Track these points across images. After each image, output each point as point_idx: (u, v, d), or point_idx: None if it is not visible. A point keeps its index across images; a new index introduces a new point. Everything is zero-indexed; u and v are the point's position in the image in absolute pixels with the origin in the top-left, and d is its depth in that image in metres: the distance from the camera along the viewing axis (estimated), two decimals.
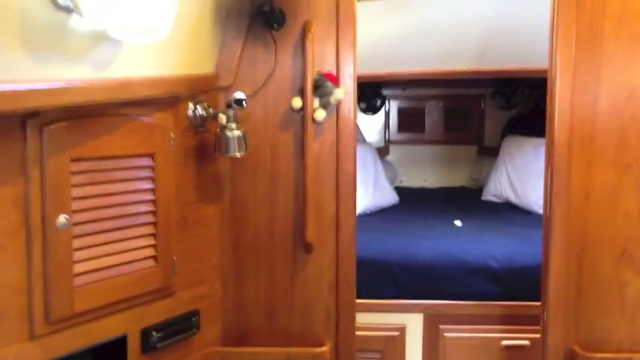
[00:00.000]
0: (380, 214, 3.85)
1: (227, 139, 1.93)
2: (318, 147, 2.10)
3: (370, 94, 4.89)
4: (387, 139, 4.97)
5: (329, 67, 2.09)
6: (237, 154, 1.95)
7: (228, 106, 1.94)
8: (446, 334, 2.89)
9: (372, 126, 5.00)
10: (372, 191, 3.93)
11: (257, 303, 2.15)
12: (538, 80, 4.28)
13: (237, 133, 1.93)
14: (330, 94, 2.06)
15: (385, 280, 2.91)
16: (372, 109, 4.94)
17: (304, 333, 2.16)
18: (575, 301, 2.07)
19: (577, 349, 2.06)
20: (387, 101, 4.94)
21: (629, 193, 2.01)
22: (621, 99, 1.99)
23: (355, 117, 2.14)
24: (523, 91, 4.77)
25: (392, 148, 4.99)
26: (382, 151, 4.82)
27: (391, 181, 4.45)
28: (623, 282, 2.05)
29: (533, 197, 3.81)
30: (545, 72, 2.11)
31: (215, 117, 1.94)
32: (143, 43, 1.46)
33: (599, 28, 1.99)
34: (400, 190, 4.34)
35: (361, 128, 4.93)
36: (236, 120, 1.94)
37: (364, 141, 4.84)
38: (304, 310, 2.16)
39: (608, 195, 2.02)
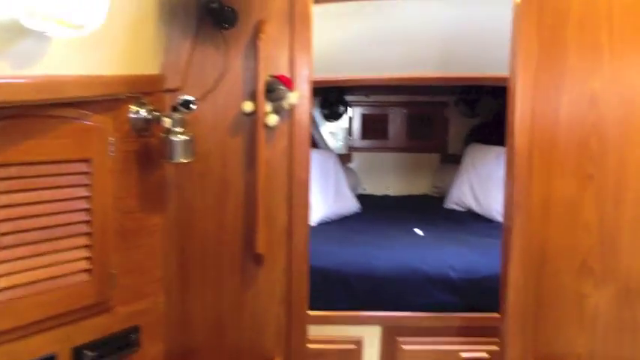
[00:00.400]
0: (340, 222, 3.77)
1: (172, 144, 1.81)
2: (271, 153, 2.00)
3: (333, 100, 4.81)
4: (349, 145, 4.90)
5: (283, 70, 1.99)
6: (183, 160, 1.84)
7: (175, 109, 1.83)
8: (404, 347, 2.82)
9: (334, 132, 4.92)
10: (332, 199, 3.85)
11: (204, 318, 2.04)
12: (501, 88, 4.27)
13: (183, 137, 1.82)
14: (283, 98, 1.96)
15: (342, 291, 2.82)
16: (334, 115, 4.86)
17: (254, 348, 2.06)
18: (534, 314, 2.01)
19: None
20: (350, 107, 4.86)
21: (590, 204, 1.96)
22: (582, 108, 1.94)
23: (310, 123, 2.04)
24: (486, 100, 4.75)
25: (355, 155, 4.91)
26: (345, 158, 4.75)
27: (353, 188, 4.38)
28: (582, 294, 1.99)
29: (495, 206, 3.77)
30: (506, 79, 2.06)
31: (159, 120, 1.83)
32: (73, 38, 1.33)
33: (561, 36, 1.94)
34: (363, 198, 4.27)
35: (323, 135, 4.86)
36: (182, 124, 1.83)
37: (326, 147, 4.76)
38: (254, 325, 2.05)
39: (569, 206, 1.97)
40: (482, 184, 4.01)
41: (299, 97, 1.98)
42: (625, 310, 1.98)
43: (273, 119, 1.97)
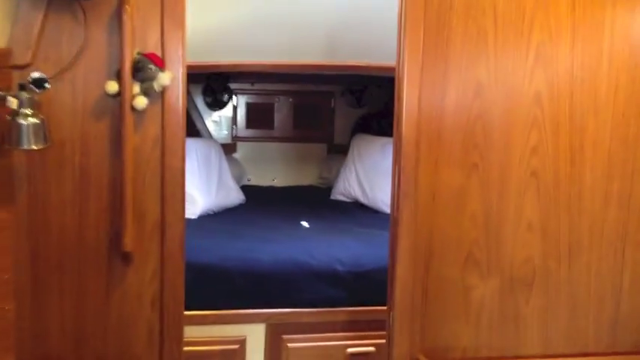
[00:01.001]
0: (224, 214, 3.59)
1: (19, 127, 1.57)
2: (140, 140, 1.80)
3: (217, 87, 4.60)
4: (234, 135, 4.71)
5: (152, 48, 1.79)
6: (34, 147, 1.59)
7: (23, 87, 1.58)
8: (289, 345, 2.71)
9: (218, 121, 4.71)
10: (215, 190, 3.66)
11: (62, 326, 1.80)
12: (388, 79, 4.27)
13: (32, 120, 1.58)
14: (153, 78, 1.76)
15: (225, 288, 2.65)
16: (218, 103, 4.65)
17: (122, 356, 1.85)
18: (421, 307, 1.95)
19: (422, 358, 1.94)
20: (234, 96, 4.68)
21: (475, 194, 1.93)
22: (468, 96, 1.89)
23: (184, 107, 1.85)
24: (373, 90, 4.74)
25: (239, 145, 4.74)
26: (229, 148, 4.56)
27: (238, 179, 4.21)
28: (468, 286, 1.96)
29: (381, 197, 3.75)
30: (394, 69, 1.97)
31: (4, 100, 1.57)
32: None
33: (447, 23, 1.88)
34: (248, 189, 4.11)
35: (207, 124, 4.64)
36: (32, 105, 1.58)
37: (209, 137, 4.55)
38: (121, 331, 1.84)
39: (455, 196, 1.92)
40: (369, 175, 3.98)
41: (171, 79, 1.78)
42: (508, 301, 1.97)
43: (141, 102, 1.76)
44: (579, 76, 1.91)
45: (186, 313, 1.90)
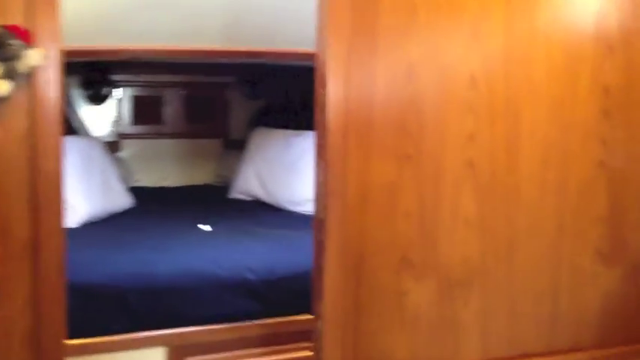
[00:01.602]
0: (110, 221, 3.16)
1: None
2: (2, 136, 1.42)
3: (97, 79, 4.12)
4: (118, 132, 4.25)
5: (16, 19, 1.41)
6: None
7: None
8: None
9: (99, 117, 4.24)
10: (99, 194, 3.22)
11: None
12: (287, 67, 4.01)
13: None
14: (17, 57, 1.39)
15: (115, 309, 2.27)
16: (99, 97, 4.18)
17: None
18: (353, 316, 1.72)
19: None
20: (117, 88, 4.22)
21: (409, 188, 1.72)
22: (399, 80, 1.68)
23: (61, 96, 1.49)
24: (270, 81, 4.45)
25: (125, 143, 4.28)
26: (113, 147, 4.10)
27: (125, 180, 3.77)
28: (403, 291, 1.75)
29: (284, 194, 3.49)
30: (303, 56, 1.71)
31: None
32: None
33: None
34: (136, 192, 3.68)
35: (86, 120, 4.15)
36: None
37: (89, 134, 4.07)
38: None
39: (387, 192, 1.70)
40: (270, 172, 3.70)
41: (42, 57, 1.42)
42: (446, 305, 1.78)
43: (3, 87, 1.38)
44: (514, 56, 1.76)
45: (70, 342, 1.54)
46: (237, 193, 3.83)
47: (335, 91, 1.64)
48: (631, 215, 1.90)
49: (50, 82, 1.46)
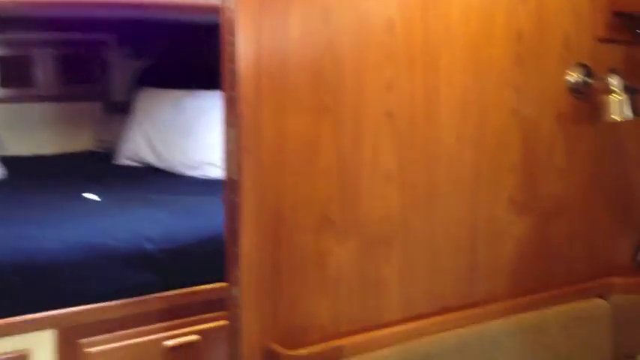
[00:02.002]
0: None
1: None
2: None
3: None
4: None
5: None
6: None
7: None
8: (89, 350, 2.17)
9: None
10: None
11: None
12: (174, 23, 3.74)
13: None
14: None
15: None
16: None
17: None
18: (272, 281, 1.59)
19: (276, 347, 1.59)
20: None
21: (328, 143, 1.60)
22: (315, 25, 1.54)
23: None
24: (152, 38, 4.14)
25: None
26: None
27: None
28: (324, 253, 1.64)
29: (179, 158, 3.28)
30: (196, 8, 1.53)
31: None
32: None
33: None
34: (8, 162, 3.31)
35: None
36: None
37: None
38: None
39: (305, 147, 1.58)
40: (161, 135, 3.46)
41: None
42: (368, 263, 1.70)
43: None
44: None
45: None
46: (124, 159, 3.56)
47: (245, 39, 1.47)
48: (542, 164, 1.91)
49: None
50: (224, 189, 1.59)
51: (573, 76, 1.92)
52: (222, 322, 2.09)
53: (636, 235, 2.07)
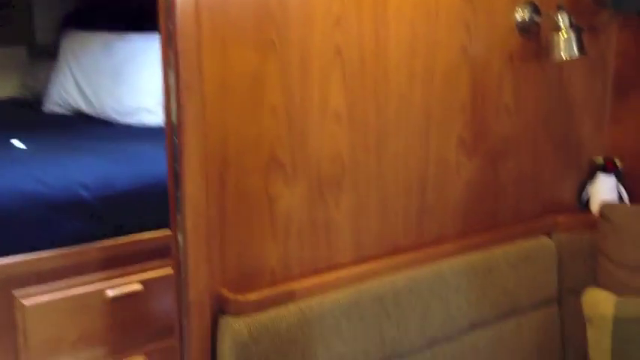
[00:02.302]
0: None
1: None
2: None
3: None
4: None
5: None
6: None
7: None
8: (24, 302, 2.06)
9: None
10: None
11: None
12: None
13: None
14: None
15: None
16: None
17: None
18: (218, 227, 1.53)
19: (225, 292, 1.53)
20: None
21: (275, 80, 1.52)
22: None
23: None
24: None
25: None
26: None
27: None
28: (273, 196, 1.59)
29: (111, 104, 3.11)
30: None
31: None
32: None
33: None
34: None
35: None
36: None
37: None
38: None
39: (251, 85, 1.49)
40: (91, 81, 3.26)
41: None
42: (318, 206, 1.66)
43: None
44: None
45: None
46: (53, 105, 3.36)
47: None
48: (491, 103, 1.89)
49: None
50: (165, 131, 1.50)
51: (521, 14, 1.88)
52: (166, 271, 2.03)
53: (581, 174, 2.10)
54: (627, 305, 1.69)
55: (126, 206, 2.18)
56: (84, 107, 3.27)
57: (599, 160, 2.09)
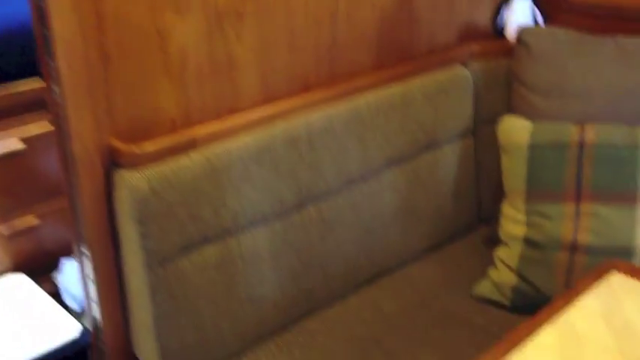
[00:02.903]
0: None
1: None
2: None
3: None
4: None
5: None
6: None
7: None
8: None
9: None
10: None
11: None
12: None
13: None
14: None
15: None
16: None
17: None
18: (100, 70, 1.31)
19: (116, 143, 1.35)
20: None
21: None
22: None
23: None
24: None
25: None
26: None
27: None
28: (164, 30, 1.37)
29: None
30: None
31: None
32: None
33: None
34: None
35: None
36: None
37: None
38: None
39: None
40: None
41: None
42: (217, 41, 1.46)
43: None
44: None
45: None
46: None
47: None
48: None
49: None
50: None
51: None
52: (51, 126, 1.80)
53: None
54: (542, 131, 1.65)
55: (4, 48, 1.87)
56: None
57: None
